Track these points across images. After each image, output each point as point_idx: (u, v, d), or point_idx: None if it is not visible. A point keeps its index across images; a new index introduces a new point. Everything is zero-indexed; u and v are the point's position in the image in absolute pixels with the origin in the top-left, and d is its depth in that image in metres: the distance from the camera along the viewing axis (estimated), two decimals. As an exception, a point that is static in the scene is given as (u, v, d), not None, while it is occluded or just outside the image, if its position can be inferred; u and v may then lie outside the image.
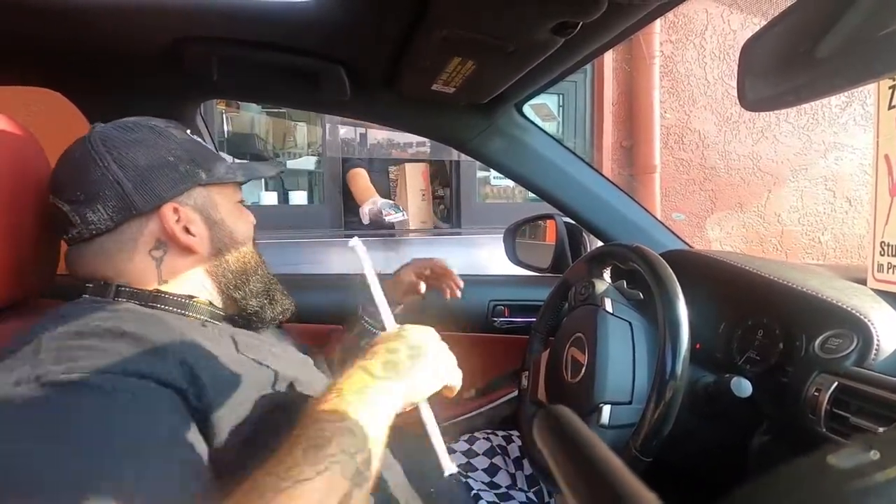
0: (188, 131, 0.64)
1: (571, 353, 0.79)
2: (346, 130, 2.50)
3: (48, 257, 0.69)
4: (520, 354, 0.94)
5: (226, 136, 2.42)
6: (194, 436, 0.46)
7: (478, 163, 2.40)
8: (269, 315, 0.65)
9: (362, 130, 2.56)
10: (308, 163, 2.64)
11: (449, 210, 2.70)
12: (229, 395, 0.50)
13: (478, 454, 0.86)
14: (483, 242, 2.16)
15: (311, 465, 0.40)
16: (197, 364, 0.49)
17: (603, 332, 0.72)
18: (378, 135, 2.58)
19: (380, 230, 2.26)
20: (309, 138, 2.71)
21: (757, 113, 2.70)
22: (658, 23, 2.61)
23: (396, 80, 0.88)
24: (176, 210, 0.58)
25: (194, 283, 0.61)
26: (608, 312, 0.74)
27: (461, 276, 0.91)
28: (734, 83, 0.55)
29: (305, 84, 0.93)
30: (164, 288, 0.59)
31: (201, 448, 0.46)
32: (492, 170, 2.50)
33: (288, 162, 2.62)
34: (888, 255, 0.66)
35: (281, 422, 0.48)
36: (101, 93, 0.96)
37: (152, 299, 0.57)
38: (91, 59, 0.87)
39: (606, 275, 0.86)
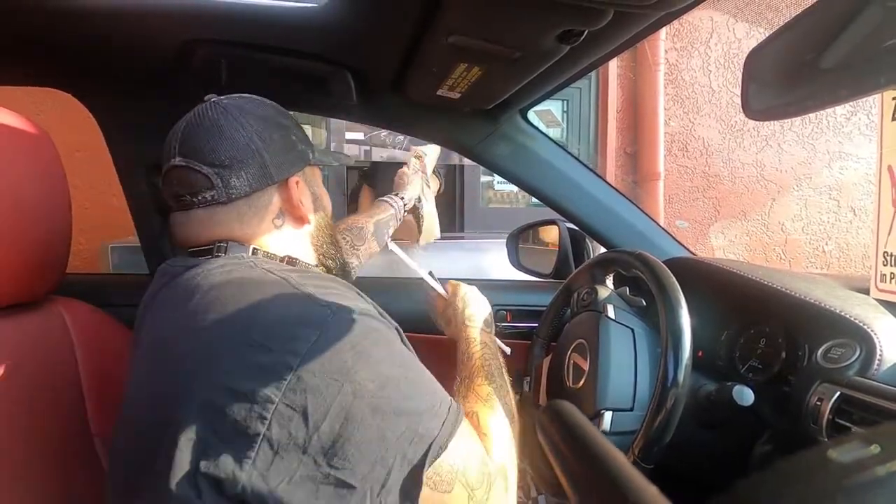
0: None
1: (573, 359, 0.79)
2: (349, 136, 2.51)
3: (59, 255, 0.69)
4: (522, 359, 0.94)
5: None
6: None
7: (482, 168, 2.41)
8: (351, 278, 0.76)
9: (367, 148, 2.57)
10: (313, 165, 2.65)
11: (452, 215, 2.71)
12: None
13: None
14: (486, 247, 2.16)
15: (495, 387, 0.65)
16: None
17: (605, 339, 0.73)
18: (382, 152, 2.59)
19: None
20: (315, 141, 2.73)
21: (761, 122, 2.70)
22: (663, 30, 2.62)
23: (402, 84, 0.89)
24: (298, 183, 0.64)
25: (302, 250, 0.67)
26: (611, 319, 0.75)
27: (465, 280, 0.91)
28: (738, 91, 0.55)
29: (312, 88, 0.94)
30: (290, 254, 0.65)
31: None
32: (495, 175, 2.51)
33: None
34: (891, 266, 0.66)
35: None
36: (111, 94, 0.97)
37: (289, 262, 0.63)
38: (101, 60, 0.88)
39: (609, 281, 0.86)
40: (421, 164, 1.10)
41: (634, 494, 0.20)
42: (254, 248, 0.61)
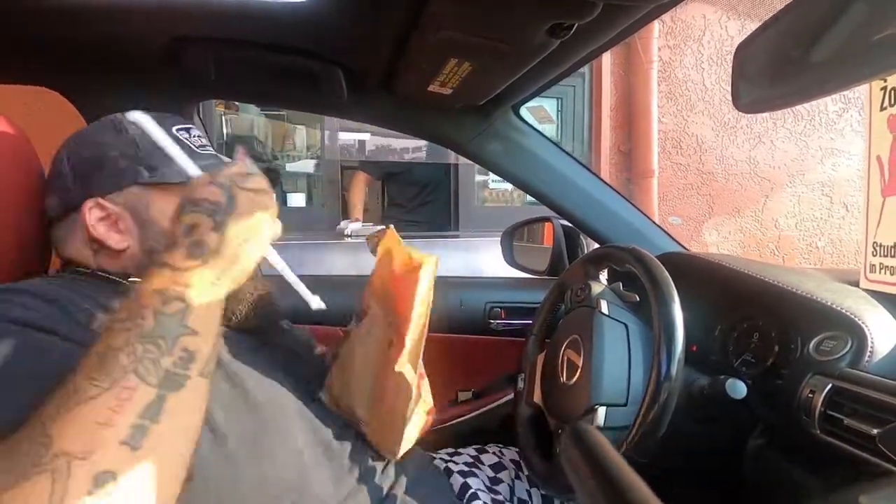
0: (178, 128, 0.61)
1: (567, 355, 0.79)
2: (345, 135, 2.51)
3: (40, 256, 0.68)
4: (517, 357, 0.94)
5: (224, 138, 2.43)
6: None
7: (477, 166, 2.41)
8: None
9: (361, 137, 2.57)
10: (307, 166, 2.65)
11: (447, 213, 2.71)
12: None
13: (484, 464, 0.85)
14: (481, 245, 2.17)
15: (101, 376, 0.37)
16: (79, 308, 0.50)
17: (599, 334, 0.72)
18: (377, 140, 2.60)
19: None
20: (308, 141, 2.72)
21: (754, 118, 2.72)
22: (656, 28, 2.63)
23: (393, 81, 0.89)
24: (101, 206, 0.58)
25: (129, 271, 0.60)
26: (604, 314, 0.74)
27: (459, 278, 0.90)
28: (731, 88, 0.55)
29: (302, 85, 0.93)
30: (107, 268, 0.60)
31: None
32: (490, 173, 2.51)
33: (287, 165, 2.63)
34: (880, 256, 0.66)
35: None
36: (98, 92, 0.96)
37: (92, 275, 0.59)
38: (88, 58, 0.88)
39: (603, 277, 0.86)
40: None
41: None
42: (67, 261, 0.61)
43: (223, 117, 2.46)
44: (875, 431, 0.52)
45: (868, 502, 0.23)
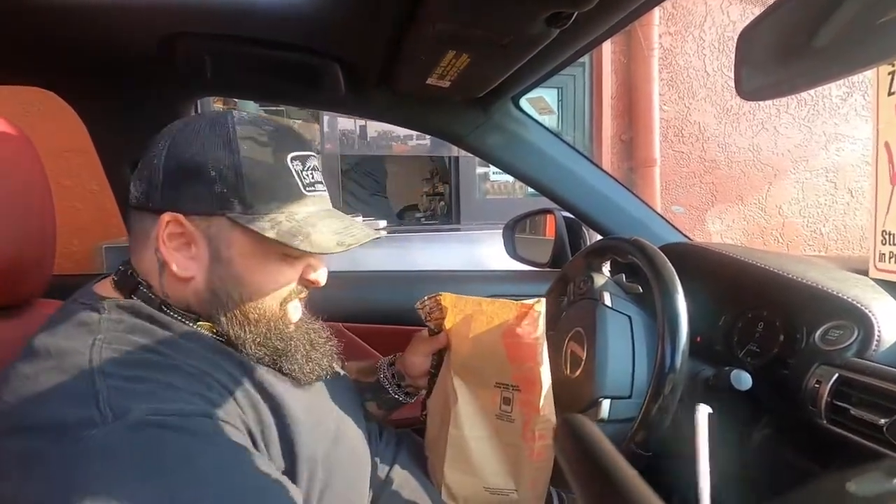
0: (293, 156, 0.54)
1: (571, 348, 0.79)
2: (344, 123, 2.49)
3: (44, 258, 0.68)
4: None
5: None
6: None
7: (478, 159, 2.40)
8: (285, 371, 0.57)
9: (361, 123, 2.55)
10: (307, 161, 2.63)
11: (449, 206, 2.70)
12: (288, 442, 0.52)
13: None
14: (483, 238, 2.16)
15: None
16: (257, 406, 0.51)
17: (602, 327, 0.72)
18: (378, 127, 2.57)
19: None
20: (309, 135, 2.71)
21: (757, 104, 2.69)
22: (657, 15, 2.60)
23: (392, 75, 0.88)
24: (179, 223, 0.52)
25: (191, 308, 0.55)
26: (607, 307, 0.74)
27: (462, 272, 0.90)
28: (733, 75, 0.54)
29: (300, 81, 0.92)
30: (168, 300, 0.55)
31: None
32: (491, 166, 2.50)
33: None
34: (889, 245, 0.65)
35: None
36: (94, 91, 0.95)
37: (160, 308, 0.54)
38: (82, 57, 0.87)
39: (605, 269, 0.85)
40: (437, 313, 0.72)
41: None
42: (137, 282, 0.54)
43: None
44: (882, 421, 0.51)
45: (856, 488, 0.22)
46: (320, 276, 0.59)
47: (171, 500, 0.39)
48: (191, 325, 0.54)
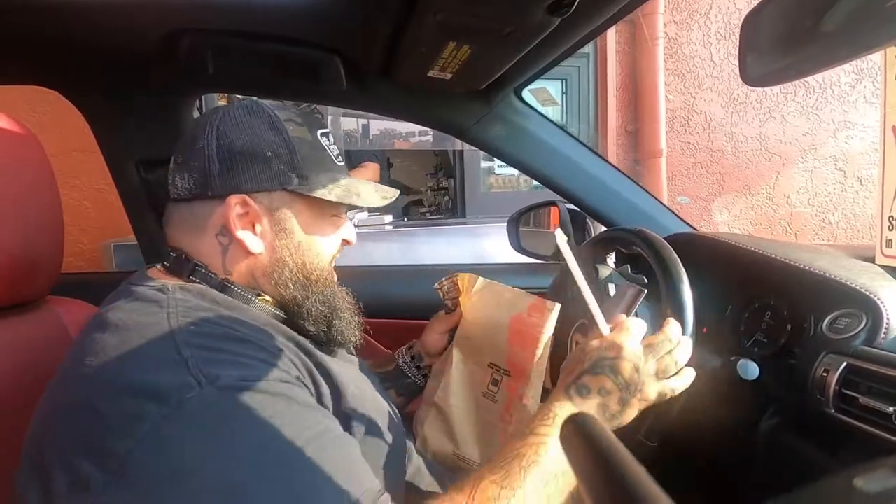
0: (321, 132, 0.61)
1: (575, 339, 0.78)
2: (346, 123, 2.49)
3: (53, 256, 0.69)
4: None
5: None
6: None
7: (482, 152, 2.39)
8: (326, 340, 0.62)
9: (364, 121, 2.55)
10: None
11: (454, 200, 2.70)
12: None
13: None
14: (488, 232, 2.15)
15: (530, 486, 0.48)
16: (312, 372, 0.55)
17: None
18: (380, 124, 2.58)
19: (377, 223, 2.27)
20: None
21: (764, 93, 2.66)
22: (661, 3, 2.56)
23: (393, 68, 0.87)
24: (245, 203, 0.56)
25: (255, 281, 0.59)
26: (611, 298, 0.74)
27: (468, 265, 0.90)
28: (738, 61, 0.53)
29: (302, 75, 0.92)
30: (230, 277, 0.58)
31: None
32: (496, 159, 2.49)
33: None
34: (897, 231, 0.64)
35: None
36: (97, 90, 0.96)
37: (221, 287, 0.57)
38: (84, 55, 0.87)
39: (611, 260, 0.85)
40: (454, 292, 0.78)
41: None
42: (195, 265, 0.57)
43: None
44: (891, 409, 0.51)
45: (864, 484, 0.22)
46: (352, 234, 0.67)
47: (263, 456, 0.43)
48: (253, 299, 0.58)
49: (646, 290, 0.68)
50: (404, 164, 3.16)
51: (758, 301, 0.72)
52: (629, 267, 0.81)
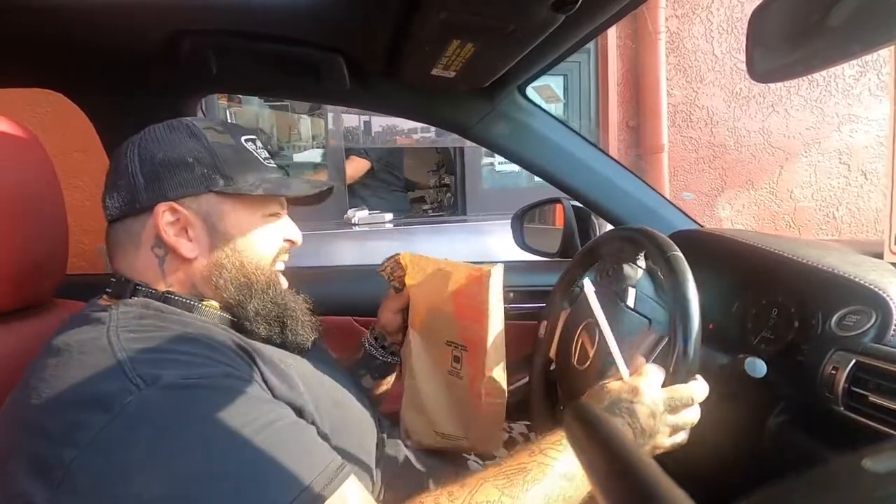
0: (246, 138, 0.62)
1: (582, 338, 0.78)
2: (349, 119, 2.49)
3: (57, 258, 0.69)
4: (530, 340, 0.93)
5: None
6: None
7: (483, 149, 2.38)
8: (281, 342, 0.62)
9: (366, 118, 2.54)
10: (314, 155, 2.63)
11: (455, 198, 2.69)
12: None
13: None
14: (490, 229, 2.15)
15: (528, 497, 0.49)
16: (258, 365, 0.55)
17: (618, 329, 0.69)
18: (382, 121, 2.57)
19: (377, 222, 2.26)
20: (313, 131, 2.70)
21: (767, 87, 2.64)
22: (663, -2, 2.55)
23: (396, 66, 0.87)
24: (174, 210, 0.57)
25: (195, 288, 0.59)
26: (628, 307, 0.72)
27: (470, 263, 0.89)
28: (743, 57, 0.53)
29: (304, 75, 0.92)
30: (171, 289, 0.58)
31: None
32: (497, 156, 2.48)
33: (294, 155, 2.62)
34: (907, 228, 0.64)
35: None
36: (100, 91, 0.95)
37: (164, 300, 0.57)
38: (87, 57, 0.87)
39: (640, 261, 0.80)
40: (399, 271, 0.77)
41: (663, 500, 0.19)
42: (135, 286, 0.57)
43: (227, 111, 2.44)
44: (901, 407, 0.51)
45: (872, 465, 0.22)
46: (295, 234, 0.67)
47: (209, 449, 0.43)
48: (197, 304, 0.58)
49: (667, 338, 0.66)
50: (408, 162, 3.16)
51: (765, 297, 0.72)
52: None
